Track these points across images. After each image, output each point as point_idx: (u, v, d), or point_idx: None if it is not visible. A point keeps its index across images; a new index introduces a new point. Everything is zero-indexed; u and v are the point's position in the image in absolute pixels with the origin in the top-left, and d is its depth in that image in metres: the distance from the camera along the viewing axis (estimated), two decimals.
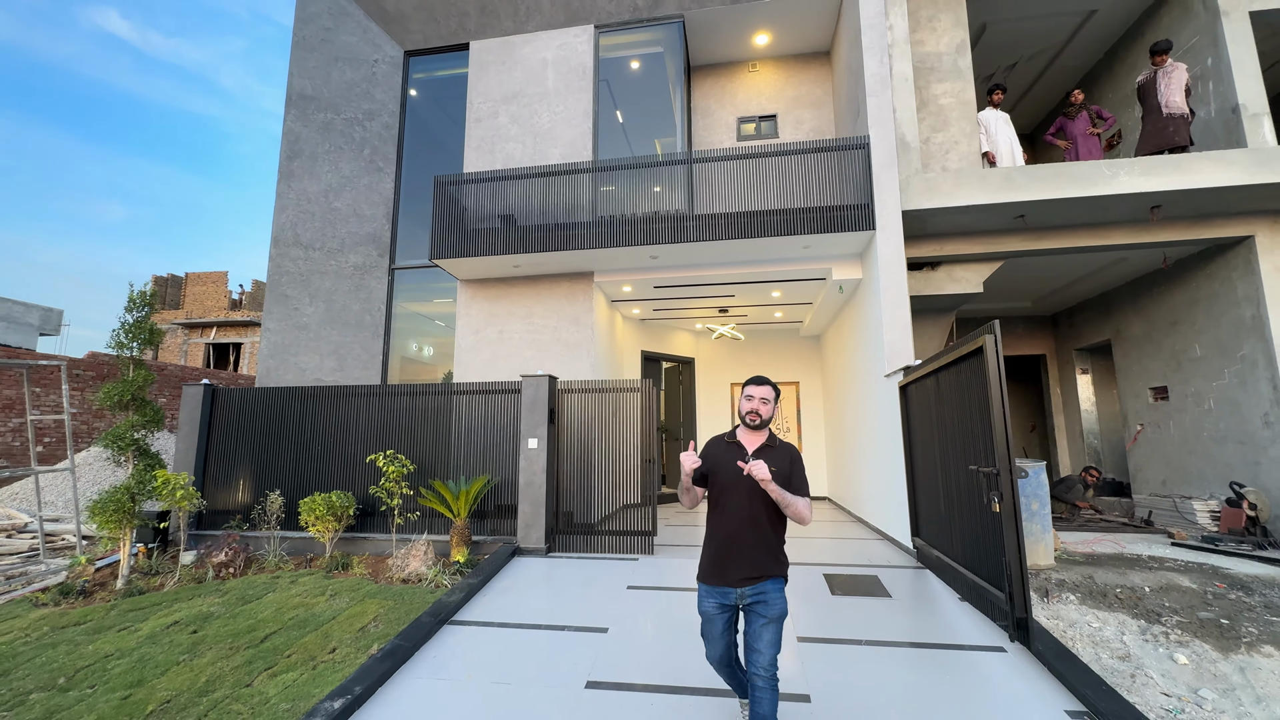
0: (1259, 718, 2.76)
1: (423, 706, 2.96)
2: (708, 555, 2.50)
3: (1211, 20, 6.49)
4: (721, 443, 2.57)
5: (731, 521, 2.44)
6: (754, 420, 2.51)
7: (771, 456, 2.45)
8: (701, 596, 2.49)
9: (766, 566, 2.39)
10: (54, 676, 3.28)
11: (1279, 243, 6.15)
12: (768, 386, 2.57)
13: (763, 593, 2.37)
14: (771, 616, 2.34)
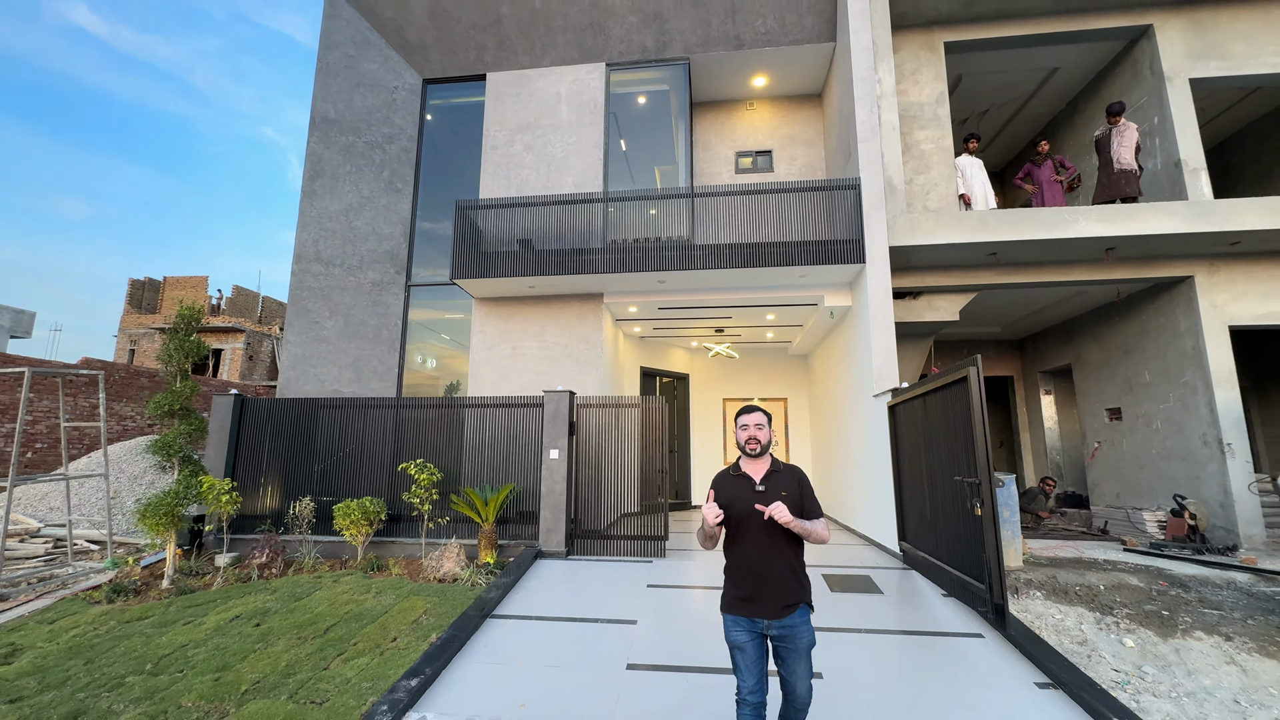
0: (1188, 686, 3.35)
1: (485, 685, 3.37)
2: (734, 587, 2.51)
3: (1158, 84, 7.35)
4: (728, 477, 2.58)
5: (754, 553, 2.45)
6: (754, 448, 2.53)
7: (779, 482, 2.49)
8: (729, 628, 2.48)
9: (795, 594, 2.41)
10: (139, 663, 3.60)
11: (1215, 283, 6.97)
12: (759, 413, 2.59)
13: (791, 626, 2.39)
14: (802, 649, 2.39)
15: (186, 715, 3.02)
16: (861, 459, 7.02)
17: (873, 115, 6.94)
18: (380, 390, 7.76)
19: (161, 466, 5.48)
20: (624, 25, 8.18)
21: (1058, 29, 7.60)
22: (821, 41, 7.96)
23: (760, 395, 10.80)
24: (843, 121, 7.70)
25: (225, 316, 27.25)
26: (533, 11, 8.27)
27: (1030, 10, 7.55)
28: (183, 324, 5.57)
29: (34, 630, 4.24)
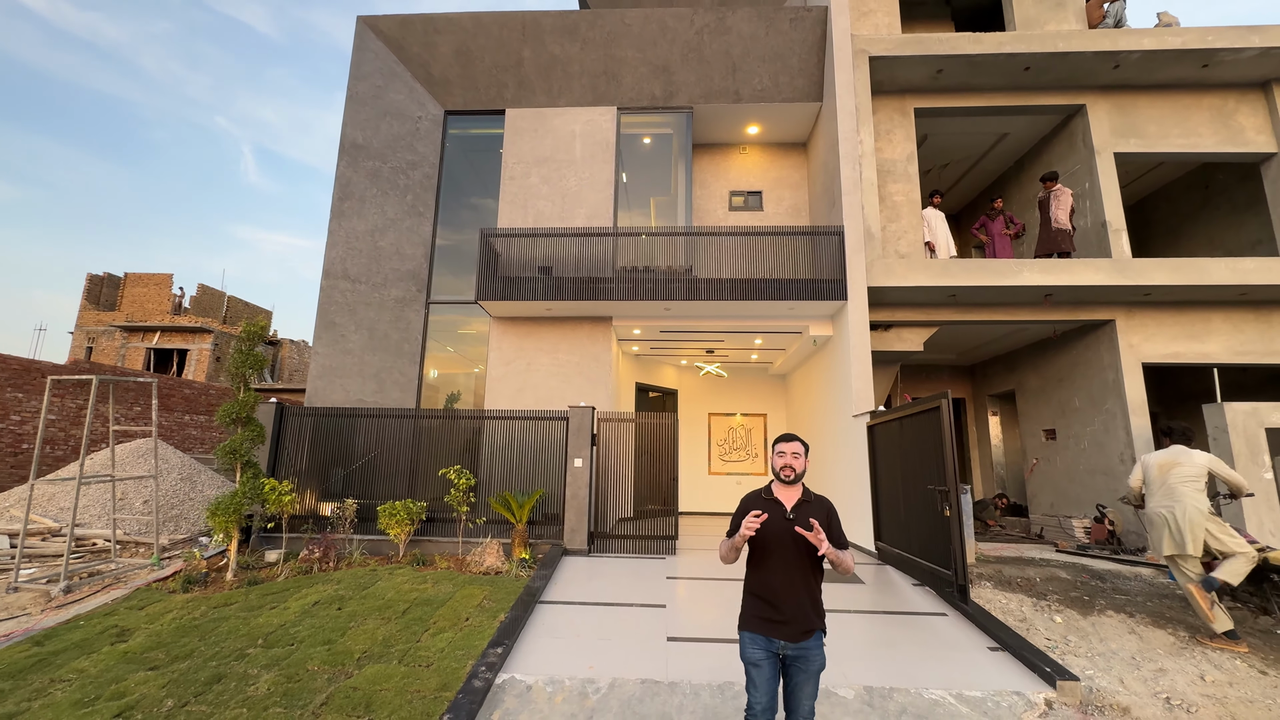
0: (1100, 649, 4.35)
1: (552, 653, 4.10)
2: (754, 607, 2.59)
3: (1089, 155, 8.68)
4: (760, 499, 2.66)
5: (779, 578, 2.52)
6: (789, 475, 2.61)
7: (810, 511, 2.58)
8: (746, 645, 2.56)
9: (813, 621, 2.51)
10: (249, 639, 4.17)
11: (1131, 326, 8.29)
12: (797, 442, 2.65)
13: (806, 648, 2.48)
14: (813, 671, 2.49)
15: (316, 676, 3.65)
16: (840, 470, 8.00)
17: (855, 171, 8.00)
18: (401, 400, 8.31)
19: (227, 469, 5.94)
20: (635, 74, 9.06)
21: (1008, 103, 8.88)
22: (809, 101, 9.01)
23: (742, 410, 11.75)
24: (827, 172, 8.76)
25: (191, 316, 26.64)
26: (552, 57, 9.06)
27: (986, 86, 8.80)
28: (248, 339, 6.05)
29: (128, 615, 4.71)
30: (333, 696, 3.40)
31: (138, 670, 3.75)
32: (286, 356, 30.23)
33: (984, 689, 3.67)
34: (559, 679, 3.73)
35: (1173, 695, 3.70)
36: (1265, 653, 4.24)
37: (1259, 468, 6.47)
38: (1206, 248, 10.09)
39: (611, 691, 3.62)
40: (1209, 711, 3.52)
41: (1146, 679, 3.90)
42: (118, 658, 3.94)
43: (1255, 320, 8.23)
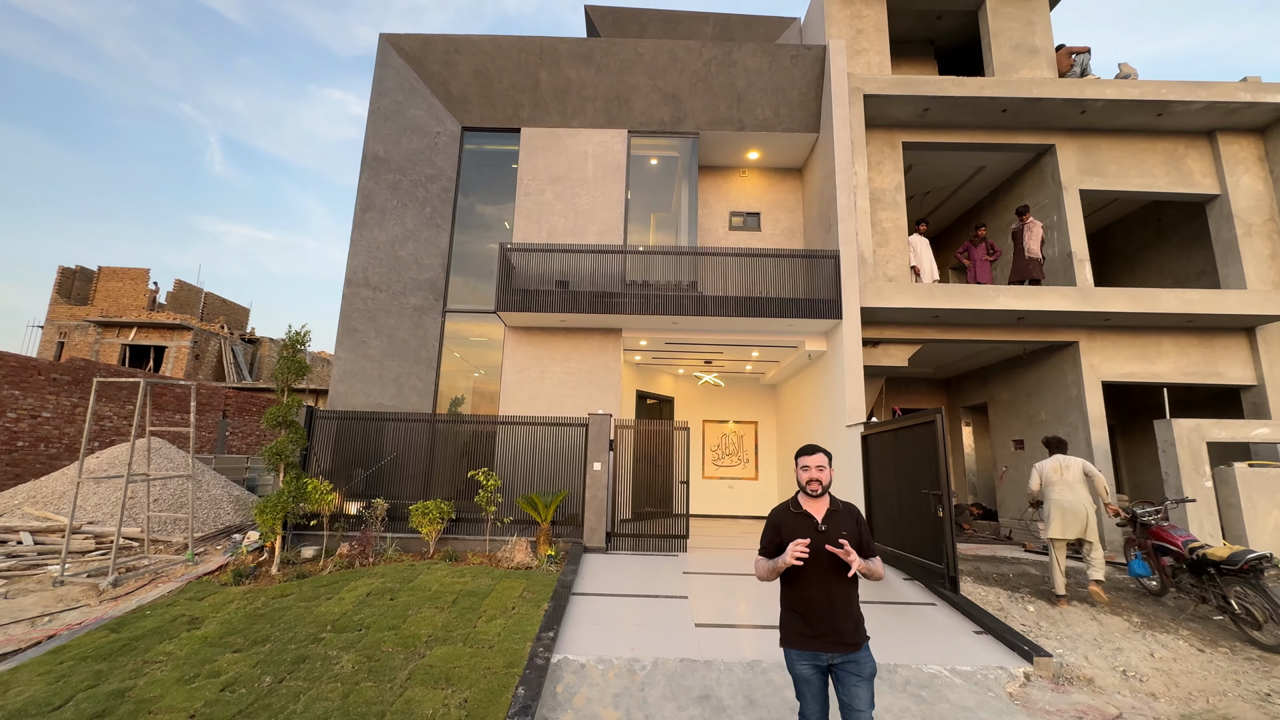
0: (1067, 633, 5.03)
1: (595, 638, 4.59)
2: (794, 622, 2.59)
3: (1057, 190, 9.54)
4: (789, 513, 2.67)
5: (817, 593, 2.52)
6: (815, 490, 2.62)
7: (840, 521, 2.59)
8: (793, 661, 2.56)
9: (858, 635, 2.52)
10: (317, 626, 4.55)
11: (1093, 347, 9.15)
12: (821, 454, 2.66)
13: (854, 657, 2.50)
14: (866, 675, 2.48)
15: (392, 656, 4.07)
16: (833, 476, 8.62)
17: (850, 200, 8.69)
18: (418, 405, 8.66)
19: (270, 469, 6.24)
20: (646, 100, 9.61)
21: (986, 140, 9.69)
22: (807, 132, 9.69)
23: (735, 418, 12.36)
24: (822, 198, 9.43)
25: (169, 313, 26.14)
26: (567, 81, 9.55)
27: (967, 124, 9.60)
28: (289, 345, 6.37)
29: (191, 605, 5.03)
30: (414, 673, 3.83)
31: (223, 653, 4.11)
32: (266, 355, 29.82)
33: (973, 664, 4.29)
34: (607, 658, 4.22)
35: (1128, 669, 4.38)
36: (1204, 635, 4.97)
37: (1201, 477, 7.31)
38: (1158, 276, 11.10)
39: (656, 669, 4.13)
40: (1157, 681, 4.20)
41: (1106, 656, 4.58)
42: (198, 642, 4.29)
43: (1200, 344, 9.17)
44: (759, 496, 11.96)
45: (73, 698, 3.54)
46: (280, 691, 3.59)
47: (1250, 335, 9.10)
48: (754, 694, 3.84)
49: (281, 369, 6.16)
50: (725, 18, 11.96)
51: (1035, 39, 10.00)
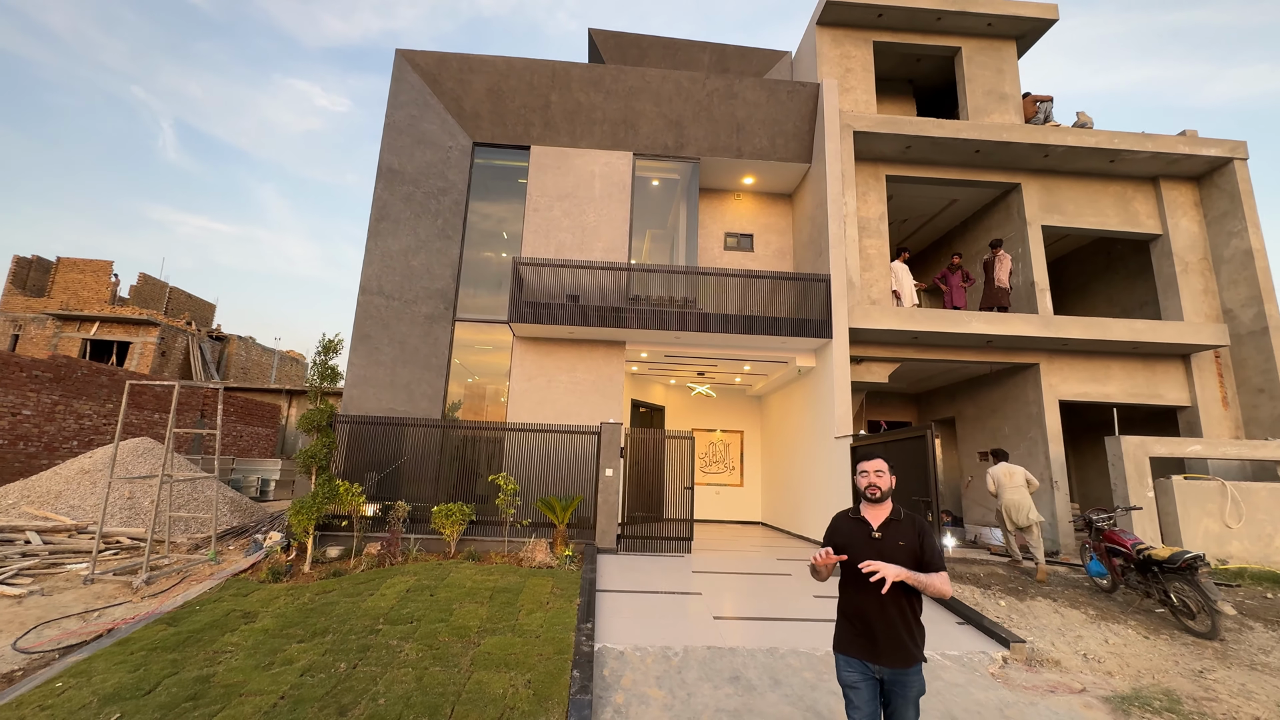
0: (1034, 624, 5.73)
1: (626, 629, 5.05)
2: (848, 629, 2.57)
3: (1022, 225, 10.49)
4: (847, 519, 2.68)
5: (869, 602, 2.47)
6: (874, 494, 2.58)
7: (898, 530, 2.53)
8: (842, 668, 2.54)
9: (911, 652, 2.44)
10: (370, 619, 4.88)
11: (1052, 369, 10.08)
12: (879, 460, 2.60)
13: (905, 675, 2.44)
14: (912, 696, 2.45)
15: (450, 645, 4.45)
16: (820, 482, 9.29)
17: (840, 228, 9.41)
18: (428, 410, 8.94)
19: (304, 472, 6.46)
20: (651, 125, 10.16)
21: (960, 177, 10.58)
22: (799, 162, 10.39)
23: (722, 427, 12.97)
24: (813, 224, 10.14)
25: (134, 308, 25.28)
26: (577, 103, 10.03)
27: (944, 161, 10.46)
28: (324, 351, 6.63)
29: (237, 601, 5.27)
30: (475, 659, 4.23)
31: (288, 643, 4.42)
32: (234, 354, 29.08)
33: (960, 649, 4.93)
34: (642, 647, 4.69)
35: (1088, 653, 5.09)
36: (1148, 624, 5.75)
37: (1144, 487, 8.23)
38: (1106, 304, 12.24)
39: (687, 655, 4.62)
40: (1112, 661, 4.91)
41: (1069, 642, 5.29)
42: (259, 634, 4.58)
43: (1144, 368, 10.22)
44: (744, 502, 12.58)
45: (160, 683, 3.81)
46: (357, 675, 3.94)
47: (1186, 361, 10.19)
48: (777, 675, 4.37)
49: (315, 375, 6.42)
50: (722, 48, 12.64)
51: (1005, 86, 10.97)
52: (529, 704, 3.70)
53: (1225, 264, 10.28)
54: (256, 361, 30.54)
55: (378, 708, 3.56)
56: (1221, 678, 4.64)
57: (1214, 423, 9.92)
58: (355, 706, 3.57)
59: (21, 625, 4.79)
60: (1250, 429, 9.76)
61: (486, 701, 3.69)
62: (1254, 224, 10.02)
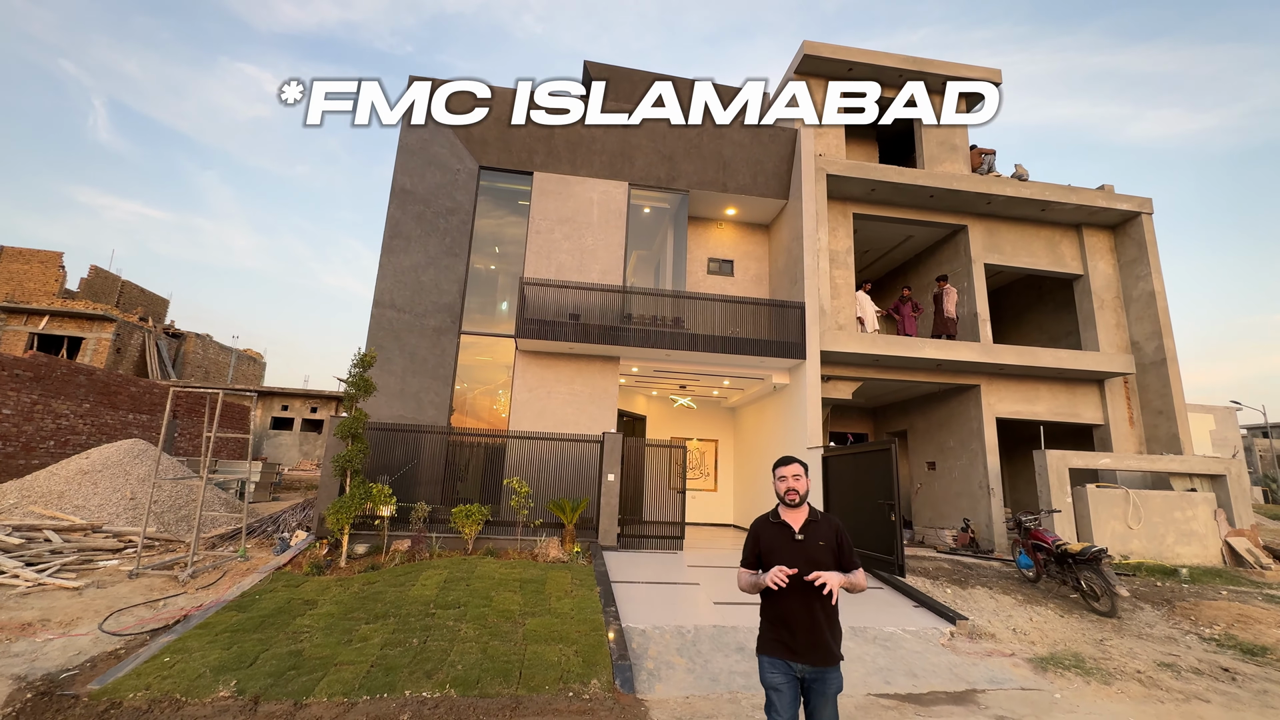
0: (975, 607, 6.89)
1: (641, 613, 5.89)
2: (771, 631, 2.64)
3: (968, 262, 11.92)
4: (768, 524, 2.73)
5: (793, 605, 2.55)
6: (793, 499, 2.66)
7: (818, 531, 2.63)
8: (765, 669, 2.60)
9: (831, 650, 2.53)
10: (421, 605, 5.55)
11: (991, 390, 11.51)
12: (797, 464, 2.70)
13: (824, 673, 2.54)
14: (831, 694, 2.54)
15: (499, 626, 5.19)
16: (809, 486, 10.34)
17: (814, 261, 10.55)
18: (435, 418, 9.53)
19: (338, 474, 6.97)
20: (646, 158, 11.08)
21: (917, 218, 11.94)
22: (778, 198, 11.52)
23: (699, 436, 13.95)
24: (789, 255, 11.26)
25: (87, 302, 24.31)
26: (578, 135, 10.85)
27: (903, 203, 11.79)
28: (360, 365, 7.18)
29: (291, 591, 5.83)
30: (526, 635, 4.99)
31: (358, 625, 5.06)
32: (191, 352, 28.26)
33: (916, 626, 6.00)
34: (660, 626, 5.55)
35: (1016, 628, 6.25)
36: (1064, 606, 6.99)
37: (1064, 494, 9.63)
38: (1037, 332, 13.89)
39: (698, 632, 5.50)
40: (1035, 634, 6.08)
41: (1002, 620, 6.45)
42: (326, 618, 5.19)
43: (1067, 391, 11.78)
44: (718, 506, 13.58)
45: (258, 657, 4.42)
46: (430, 649, 4.65)
47: (1101, 386, 11.81)
48: None
49: (352, 386, 6.99)
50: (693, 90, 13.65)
51: (955, 139, 12.44)
52: (580, 668, 4.50)
53: (1134, 302, 11.99)
54: (214, 360, 29.75)
55: (458, 672, 4.29)
56: (1116, 644, 5.87)
57: (1123, 439, 11.55)
58: (439, 671, 4.29)
59: (96, 613, 5.24)
60: (1151, 445, 11.43)
61: (546, 666, 4.47)
62: (1156, 270, 11.75)
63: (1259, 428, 41.79)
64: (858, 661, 5.12)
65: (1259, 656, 5.62)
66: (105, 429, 13.62)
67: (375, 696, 3.96)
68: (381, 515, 7.76)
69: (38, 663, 4.27)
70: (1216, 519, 9.73)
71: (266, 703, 3.85)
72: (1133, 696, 4.67)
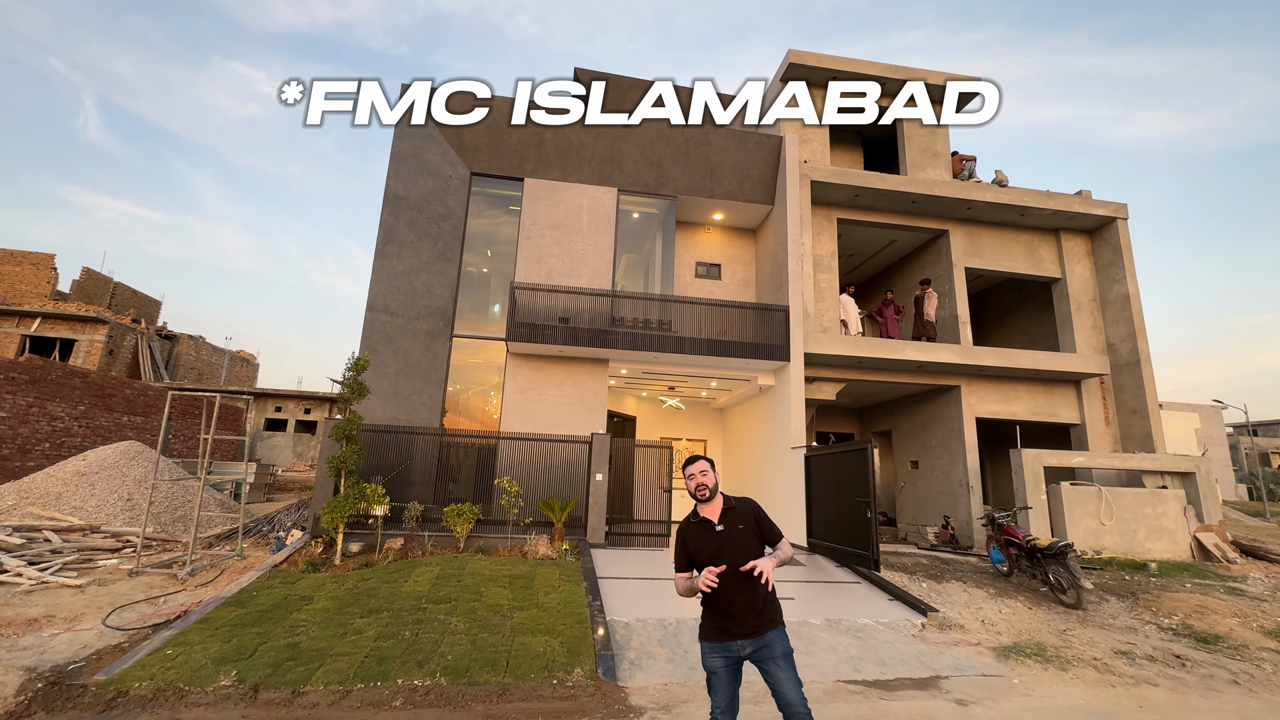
0: (948, 600, 7.17)
1: (627, 606, 6.13)
2: (710, 619, 2.76)
3: (949, 266, 12.23)
4: (691, 525, 2.87)
5: (732, 594, 2.68)
6: (703, 494, 2.81)
7: (736, 517, 2.78)
8: (706, 654, 2.74)
9: (767, 618, 2.68)
10: (413, 600, 5.77)
11: (971, 390, 11.81)
12: (701, 460, 2.85)
13: (766, 639, 2.66)
14: (779, 655, 2.65)
15: (489, 618, 5.42)
16: (777, 487, 10.63)
17: (799, 266, 10.82)
18: (427, 420, 9.74)
19: (333, 475, 7.18)
20: (635, 165, 11.32)
21: (899, 222, 12.24)
22: (764, 203, 11.78)
23: (688, 436, 14.21)
24: (774, 259, 11.53)
25: (79, 304, 24.33)
26: (568, 142, 11.08)
27: (886, 208, 12.08)
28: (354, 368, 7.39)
29: (287, 587, 6.04)
30: (514, 627, 5.22)
31: (352, 619, 5.28)
32: (184, 353, 28.28)
33: (890, 618, 6.27)
34: (643, 619, 5.79)
35: (985, 620, 6.53)
36: (1033, 599, 7.29)
37: (1039, 492, 9.94)
38: (1018, 333, 14.22)
39: (679, 624, 5.75)
40: (1002, 625, 6.36)
41: (973, 612, 6.73)
42: (321, 612, 5.41)
43: (1044, 391, 12.11)
44: None
45: (257, 650, 4.64)
46: (422, 640, 4.87)
47: (1077, 386, 12.15)
48: None
49: (347, 390, 7.20)
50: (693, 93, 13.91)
51: (937, 145, 12.74)
52: (565, 658, 4.74)
53: (1109, 305, 12.33)
54: (207, 362, 29.78)
55: (448, 662, 4.53)
56: (1078, 634, 6.16)
57: (1099, 438, 11.89)
58: (429, 661, 4.53)
59: (99, 610, 5.43)
60: (1126, 444, 11.77)
61: (532, 656, 4.71)
62: (1131, 273, 12.10)
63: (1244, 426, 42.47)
64: (830, 651, 5.39)
65: (1211, 644, 5.92)
66: (100, 431, 13.75)
67: (369, 684, 4.19)
68: (375, 515, 7.98)
69: (45, 656, 4.47)
70: (1186, 515, 10.06)
71: (266, 690, 4.07)
72: (1086, 682, 4.95)
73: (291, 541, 7.49)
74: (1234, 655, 5.65)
